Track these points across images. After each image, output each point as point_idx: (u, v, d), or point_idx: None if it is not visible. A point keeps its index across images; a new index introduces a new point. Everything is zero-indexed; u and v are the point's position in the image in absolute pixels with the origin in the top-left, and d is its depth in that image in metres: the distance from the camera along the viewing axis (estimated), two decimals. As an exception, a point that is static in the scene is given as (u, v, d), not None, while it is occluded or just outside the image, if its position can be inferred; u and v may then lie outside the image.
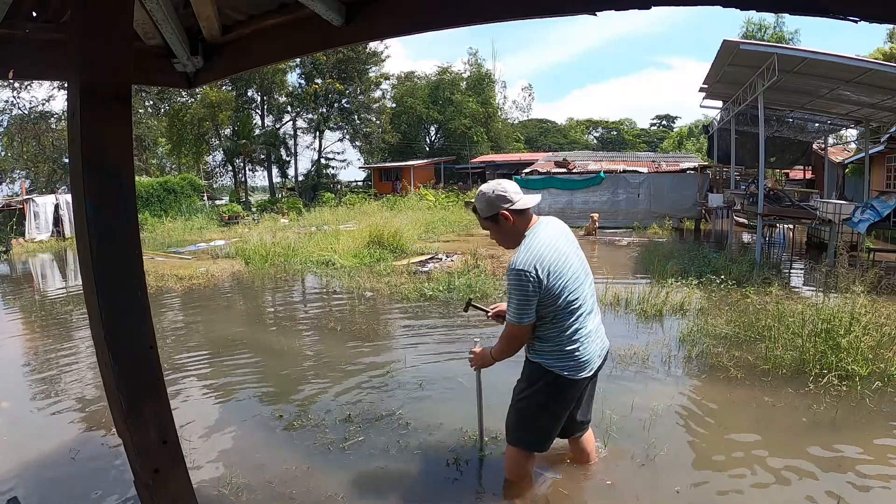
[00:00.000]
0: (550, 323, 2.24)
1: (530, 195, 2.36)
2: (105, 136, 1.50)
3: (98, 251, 1.48)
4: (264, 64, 2.86)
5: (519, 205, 2.29)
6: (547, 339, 2.27)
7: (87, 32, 1.47)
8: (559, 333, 2.25)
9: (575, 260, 2.29)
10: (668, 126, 56.34)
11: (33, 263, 13.19)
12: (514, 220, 2.29)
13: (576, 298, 2.24)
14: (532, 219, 2.34)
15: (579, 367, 2.28)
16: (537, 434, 2.42)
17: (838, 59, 8.07)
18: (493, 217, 2.32)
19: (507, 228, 2.31)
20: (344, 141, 33.61)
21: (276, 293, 8.24)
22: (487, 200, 2.30)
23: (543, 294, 2.17)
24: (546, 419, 2.38)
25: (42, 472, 2.90)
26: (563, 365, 2.27)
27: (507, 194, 2.28)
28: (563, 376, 2.27)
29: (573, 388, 2.32)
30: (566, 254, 2.25)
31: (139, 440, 1.54)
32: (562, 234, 2.34)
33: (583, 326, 2.28)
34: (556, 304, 2.20)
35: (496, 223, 2.32)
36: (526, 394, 2.38)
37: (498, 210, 2.28)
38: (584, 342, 2.28)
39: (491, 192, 2.30)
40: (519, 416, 2.43)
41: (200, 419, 3.52)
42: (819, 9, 1.50)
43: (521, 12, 2.00)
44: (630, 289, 6.42)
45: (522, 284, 2.15)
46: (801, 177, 20.09)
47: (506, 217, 2.28)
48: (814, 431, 3.17)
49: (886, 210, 8.06)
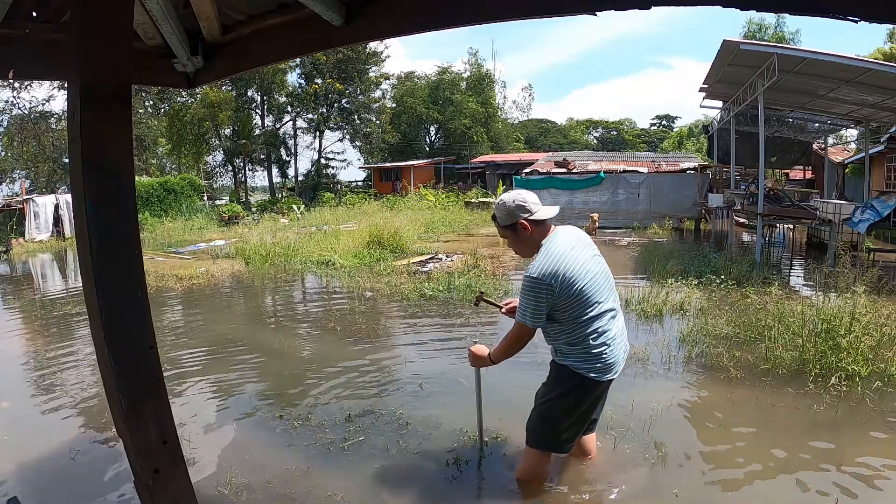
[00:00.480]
0: (577, 327, 2.29)
1: (549, 207, 2.45)
2: (105, 136, 1.50)
3: (98, 251, 1.48)
4: (264, 64, 2.87)
5: (538, 215, 2.37)
6: (575, 343, 2.32)
7: (87, 32, 1.47)
8: (586, 337, 2.29)
9: (593, 265, 2.34)
10: (668, 126, 56.32)
11: (33, 263, 13.18)
12: (531, 230, 2.37)
13: (597, 303, 2.30)
14: (550, 229, 2.41)
15: (606, 368, 2.33)
16: (563, 435, 2.45)
17: (838, 59, 8.07)
18: (511, 226, 2.39)
19: (525, 238, 2.39)
20: (344, 141, 33.64)
21: (276, 293, 8.23)
22: (507, 210, 2.38)
23: (560, 301, 2.24)
24: (572, 421, 2.42)
25: (42, 472, 2.90)
26: (591, 367, 2.31)
27: (527, 205, 2.36)
28: (590, 378, 2.32)
29: (599, 389, 2.38)
30: (583, 261, 2.30)
31: (139, 440, 1.54)
32: (578, 241, 2.39)
33: (608, 329, 2.34)
34: (576, 308, 2.26)
35: (514, 232, 2.40)
36: (552, 395, 2.41)
37: (517, 220, 2.36)
38: (610, 344, 2.33)
39: (511, 201, 2.38)
40: (544, 418, 2.45)
41: (200, 419, 3.52)
42: (819, 9, 1.50)
43: (521, 12, 2.00)
44: (630, 289, 6.43)
45: (536, 292, 2.23)
46: (801, 177, 20.10)
47: (524, 227, 2.36)
48: (814, 431, 3.17)
49: (886, 210, 8.05)
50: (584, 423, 2.46)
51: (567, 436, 2.45)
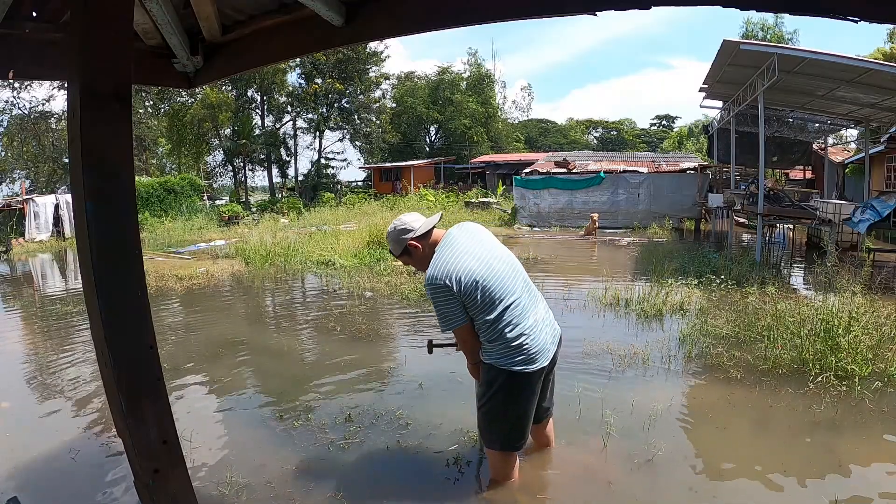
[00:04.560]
0: (490, 323, 2.28)
1: (429, 218, 2.51)
2: (105, 136, 1.50)
3: (98, 251, 1.48)
4: (264, 64, 2.87)
5: (420, 230, 2.43)
6: (492, 340, 2.32)
7: (87, 32, 1.47)
8: (501, 332, 2.29)
9: (491, 258, 2.35)
10: (668, 126, 56.28)
11: (33, 263, 13.18)
12: (421, 246, 2.43)
13: (504, 295, 2.29)
14: (438, 236, 2.45)
15: (529, 360, 2.32)
16: (510, 432, 2.44)
17: (838, 59, 8.08)
18: (405, 251, 2.46)
19: (420, 255, 2.45)
20: (344, 141, 33.62)
21: (276, 293, 8.23)
22: (393, 239, 2.47)
23: (466, 299, 2.24)
24: (513, 416, 2.41)
25: (42, 473, 2.90)
26: (512, 360, 2.31)
27: (406, 226, 2.44)
28: (515, 371, 2.31)
29: (530, 380, 2.36)
30: (478, 255, 2.32)
31: (139, 440, 1.54)
32: (472, 237, 2.42)
33: (524, 320, 2.32)
34: (484, 304, 2.26)
35: (410, 255, 2.47)
36: (487, 396, 2.41)
37: (405, 244, 2.43)
38: (529, 334, 2.32)
39: (393, 230, 2.47)
40: (488, 419, 2.46)
41: (200, 419, 3.52)
42: (819, 9, 1.51)
43: (520, 12, 2.01)
44: (630, 289, 6.43)
45: (437, 295, 2.26)
46: (801, 177, 20.09)
47: (415, 247, 2.43)
48: (813, 431, 3.17)
49: (886, 210, 8.05)
50: (528, 415, 2.44)
51: (515, 432, 2.44)
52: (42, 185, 24.20)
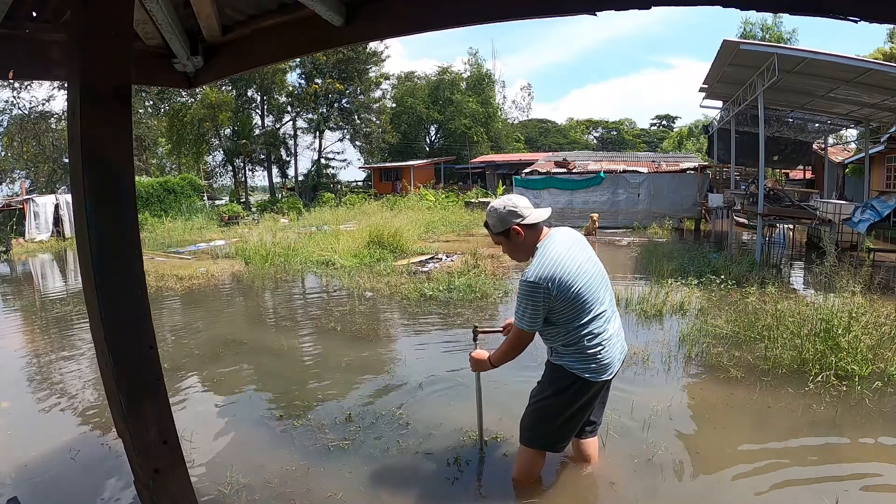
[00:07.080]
0: (573, 329, 2.28)
1: (541, 209, 2.41)
2: (105, 136, 1.50)
3: (98, 251, 1.48)
4: (264, 64, 2.87)
5: (530, 219, 2.34)
6: (569, 344, 2.31)
7: (87, 32, 1.47)
8: (582, 338, 2.28)
9: (590, 267, 2.33)
10: (668, 126, 56.27)
11: (33, 263, 13.18)
12: (524, 234, 2.34)
13: (594, 304, 2.29)
14: (543, 232, 2.39)
15: (601, 369, 2.32)
16: (556, 435, 2.44)
17: (838, 59, 8.07)
18: (504, 232, 2.37)
19: (519, 243, 2.37)
20: (344, 141, 33.62)
21: (276, 293, 8.23)
22: (499, 216, 2.35)
23: (557, 304, 2.22)
24: (565, 420, 2.41)
25: (42, 472, 2.90)
26: (585, 367, 2.30)
27: (518, 209, 2.33)
28: (584, 378, 2.31)
29: (593, 389, 2.36)
30: (579, 263, 2.28)
31: (139, 440, 1.53)
32: (574, 243, 2.37)
33: (604, 330, 2.32)
34: (573, 310, 2.25)
35: (508, 238, 2.38)
36: (546, 394, 2.41)
37: (509, 225, 2.34)
38: (605, 345, 2.32)
39: (502, 207, 2.35)
40: (537, 417, 2.45)
41: (200, 419, 3.52)
42: (819, 9, 1.50)
43: (520, 12, 2.00)
44: (630, 289, 6.43)
45: (533, 296, 2.21)
46: (801, 177, 20.10)
47: (517, 232, 2.34)
48: (813, 431, 3.17)
49: (886, 210, 8.05)
50: (577, 422, 2.45)
51: (559, 435, 2.44)
52: (42, 185, 24.21)
